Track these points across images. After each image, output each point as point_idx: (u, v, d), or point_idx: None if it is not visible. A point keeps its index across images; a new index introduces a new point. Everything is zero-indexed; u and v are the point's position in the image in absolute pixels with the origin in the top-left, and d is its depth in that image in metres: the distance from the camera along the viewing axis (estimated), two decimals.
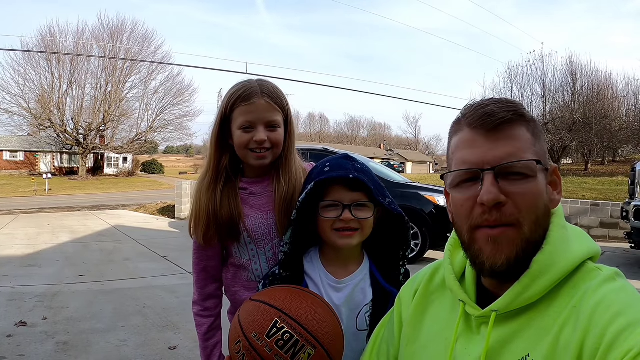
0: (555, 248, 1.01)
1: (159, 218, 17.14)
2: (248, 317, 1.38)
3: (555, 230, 1.04)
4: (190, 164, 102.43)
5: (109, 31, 50.61)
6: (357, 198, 1.57)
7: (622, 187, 19.71)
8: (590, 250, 1.05)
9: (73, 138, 49.59)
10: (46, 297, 6.29)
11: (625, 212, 8.87)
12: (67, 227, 13.82)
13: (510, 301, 1.00)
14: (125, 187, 42.34)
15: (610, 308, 0.89)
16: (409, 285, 1.37)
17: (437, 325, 1.21)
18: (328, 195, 1.58)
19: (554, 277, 0.98)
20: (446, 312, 1.20)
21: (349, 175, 1.55)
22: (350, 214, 1.56)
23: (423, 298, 1.27)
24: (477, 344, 1.06)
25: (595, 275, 0.98)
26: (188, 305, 5.97)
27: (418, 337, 1.24)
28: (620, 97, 37.99)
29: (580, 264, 1.01)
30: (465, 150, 1.06)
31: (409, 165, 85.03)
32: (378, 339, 1.39)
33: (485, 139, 1.03)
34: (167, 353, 4.55)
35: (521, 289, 0.99)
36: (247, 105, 1.77)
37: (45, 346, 4.58)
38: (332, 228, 1.58)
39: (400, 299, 1.36)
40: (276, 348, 1.28)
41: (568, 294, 0.98)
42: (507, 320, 1.02)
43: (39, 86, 47.13)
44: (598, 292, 0.93)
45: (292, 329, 1.31)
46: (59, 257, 9.09)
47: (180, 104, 54.23)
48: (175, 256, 9.48)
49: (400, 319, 1.33)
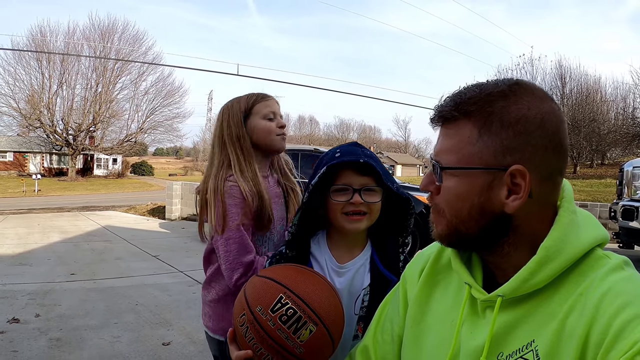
0: (564, 233, 0.98)
1: (149, 219, 17.08)
2: (254, 291, 1.41)
3: (564, 215, 1.01)
4: (180, 166, 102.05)
5: (100, 31, 50.21)
6: (367, 182, 1.62)
7: (610, 189, 19.86)
8: (599, 237, 1.01)
9: (63, 139, 49.16)
10: (38, 295, 6.29)
11: (614, 212, 8.94)
12: (58, 227, 13.77)
13: (516, 287, 0.99)
14: (115, 188, 42.12)
15: (617, 298, 0.87)
16: (414, 263, 1.35)
17: (443, 307, 1.19)
18: (338, 180, 1.62)
19: (561, 263, 0.96)
20: (452, 294, 1.19)
21: (359, 159, 1.59)
22: (360, 197, 1.60)
23: (429, 278, 1.25)
24: (483, 328, 1.06)
25: (603, 263, 0.97)
26: (180, 303, 6.08)
27: (424, 318, 1.22)
28: (609, 100, 38.34)
29: (588, 251, 0.99)
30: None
31: (399, 167, 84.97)
32: (382, 317, 1.38)
33: (439, 134, 1.08)
34: (160, 349, 4.57)
35: (528, 275, 0.97)
36: (267, 101, 2.16)
37: (39, 342, 4.60)
38: (342, 212, 1.62)
39: (406, 278, 1.34)
40: (279, 322, 1.31)
41: (575, 281, 0.96)
42: (513, 305, 1.01)
43: (29, 86, 46.68)
44: (605, 280, 0.92)
45: (296, 305, 1.34)
46: (50, 256, 9.07)
47: (171, 106, 53.92)
48: (166, 256, 9.48)
49: (405, 298, 1.32)
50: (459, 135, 1.01)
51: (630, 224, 8.15)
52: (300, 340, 1.32)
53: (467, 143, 1.00)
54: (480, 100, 0.99)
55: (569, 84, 37.02)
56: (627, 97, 37.77)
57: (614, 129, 35.87)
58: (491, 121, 0.98)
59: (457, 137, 1.01)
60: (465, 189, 1.01)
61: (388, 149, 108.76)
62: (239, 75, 28.44)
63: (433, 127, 1.07)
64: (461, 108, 1.01)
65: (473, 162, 0.99)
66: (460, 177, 1.01)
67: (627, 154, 37.59)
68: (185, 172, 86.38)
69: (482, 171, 0.99)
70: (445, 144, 1.03)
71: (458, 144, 1.01)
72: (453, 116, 1.01)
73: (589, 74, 38.17)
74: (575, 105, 35.26)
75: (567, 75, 37.19)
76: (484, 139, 0.98)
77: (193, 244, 11.17)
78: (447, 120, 1.03)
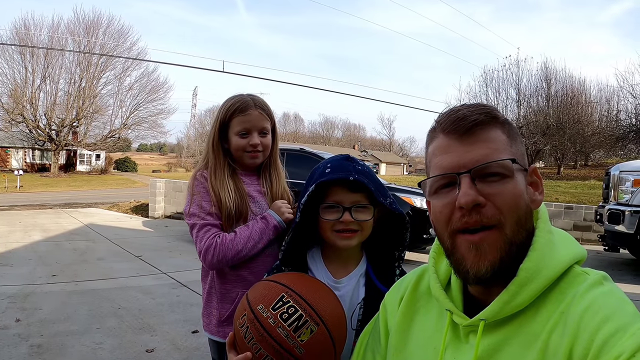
0: (542, 254, 1.00)
1: (132, 217, 16.97)
2: (256, 292, 1.41)
3: (541, 235, 1.03)
4: (163, 162, 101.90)
5: (85, 26, 49.75)
6: (358, 199, 1.60)
7: (594, 191, 20.03)
8: (577, 255, 1.04)
9: (45, 134, 48.66)
10: (19, 298, 6.16)
11: (600, 216, 9.01)
12: (39, 225, 13.60)
13: (498, 309, 0.99)
14: (98, 184, 41.84)
15: (598, 313, 0.88)
16: (393, 291, 1.36)
17: (424, 334, 1.19)
18: (329, 197, 1.60)
19: (541, 283, 0.98)
20: (433, 321, 1.19)
21: (349, 177, 1.57)
22: (350, 216, 1.58)
23: (409, 306, 1.26)
24: (466, 353, 1.05)
25: (582, 280, 0.98)
26: (164, 307, 6.00)
27: (405, 346, 1.22)
28: (594, 102, 38.74)
29: (567, 269, 1.01)
30: (441, 156, 1.06)
31: (383, 166, 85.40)
32: (362, 346, 1.38)
33: (460, 143, 1.03)
34: (144, 356, 4.48)
35: (509, 297, 0.98)
36: (244, 116, 2.17)
37: (19, 349, 4.48)
38: (333, 229, 1.61)
39: (386, 306, 1.35)
40: (280, 320, 1.31)
41: (556, 300, 0.97)
42: (496, 328, 1.01)
43: (11, 80, 46.15)
44: (586, 297, 0.93)
45: (298, 304, 1.34)
46: (31, 257, 8.93)
47: (155, 101, 53.67)
48: (149, 256, 9.38)
49: (386, 326, 1.32)
50: (499, 140, 1.04)
51: (616, 227, 8.18)
52: (300, 339, 1.31)
53: (507, 145, 1.04)
54: (496, 110, 1.07)
55: (554, 85, 37.26)
56: (611, 99, 38.34)
57: (598, 130, 36.27)
58: (510, 128, 1.07)
59: (497, 141, 1.04)
60: (520, 187, 1.03)
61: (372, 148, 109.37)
62: (224, 72, 28.36)
63: (455, 135, 1.05)
64: (490, 114, 1.05)
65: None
66: (514, 177, 1.02)
67: (610, 156, 38.18)
68: (169, 169, 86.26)
69: (522, 171, 1.05)
70: (492, 147, 1.03)
71: (502, 146, 1.04)
72: (483, 121, 1.03)
73: (574, 76, 38.54)
74: (561, 107, 35.48)
75: (552, 77, 37.44)
76: (512, 143, 1.05)
77: (176, 243, 11.12)
78: (482, 124, 1.03)
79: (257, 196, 2.23)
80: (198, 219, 2.10)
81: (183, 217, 15.25)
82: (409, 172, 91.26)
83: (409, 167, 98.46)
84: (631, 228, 7.94)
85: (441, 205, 1.05)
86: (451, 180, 1.03)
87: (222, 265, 2.07)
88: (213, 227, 2.09)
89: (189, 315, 5.79)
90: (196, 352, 4.59)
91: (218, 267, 2.10)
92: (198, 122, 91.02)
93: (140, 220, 15.99)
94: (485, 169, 1.00)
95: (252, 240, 2.06)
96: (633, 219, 7.92)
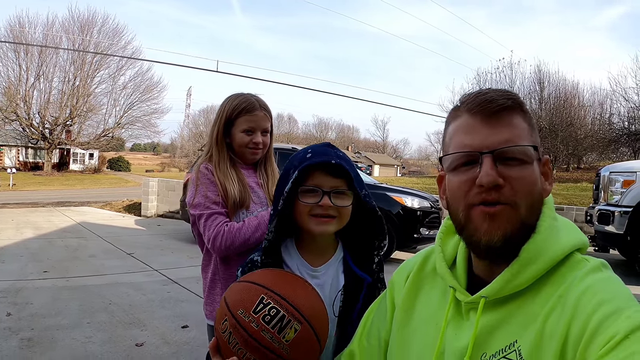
0: (545, 237, 1.03)
1: (125, 215, 16.91)
2: (234, 295, 1.38)
3: (545, 220, 1.06)
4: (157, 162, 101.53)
5: (79, 24, 49.55)
6: (337, 184, 1.57)
7: (586, 193, 20.09)
8: (579, 242, 1.07)
9: (39, 132, 48.48)
10: (10, 293, 6.17)
11: (590, 216, 9.04)
12: (32, 223, 13.55)
13: (499, 288, 1.02)
14: (91, 183, 41.65)
15: (594, 296, 0.91)
16: (401, 270, 1.39)
17: (428, 310, 1.22)
18: (308, 181, 1.57)
19: (542, 265, 1.01)
20: (437, 298, 1.23)
21: (331, 160, 1.55)
22: (329, 200, 1.56)
23: (415, 283, 1.29)
24: (466, 329, 1.09)
25: (582, 266, 1.01)
26: (154, 303, 6.00)
27: (409, 322, 1.25)
28: (586, 106, 38.83)
29: (568, 255, 1.04)
30: (464, 135, 1.08)
31: (377, 167, 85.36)
32: (368, 322, 1.40)
33: (485, 125, 1.05)
34: (134, 350, 4.50)
35: (510, 276, 1.01)
36: (251, 115, 2.33)
37: (10, 342, 4.50)
38: (310, 214, 1.58)
39: (393, 283, 1.38)
40: (263, 323, 1.29)
41: (555, 283, 1.00)
42: (496, 306, 1.05)
43: (5, 78, 45.93)
44: (583, 281, 0.96)
45: (279, 304, 1.32)
46: (23, 253, 8.92)
47: (149, 101, 53.50)
48: (141, 253, 9.37)
49: (392, 302, 1.35)
50: (521, 126, 1.06)
51: (606, 228, 8.22)
52: (285, 340, 1.29)
53: (528, 133, 1.06)
54: (520, 99, 1.09)
55: (548, 88, 37.39)
56: (604, 103, 38.44)
57: (591, 133, 36.40)
58: (531, 118, 1.10)
59: (520, 128, 1.06)
60: (536, 175, 1.06)
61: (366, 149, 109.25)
62: (218, 72, 28.33)
63: (481, 116, 1.07)
64: (516, 100, 1.07)
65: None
66: (532, 164, 1.05)
67: (602, 159, 38.21)
68: (162, 169, 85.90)
69: (538, 160, 1.07)
70: (515, 132, 1.05)
71: (524, 133, 1.06)
72: (511, 106, 1.06)
73: (567, 80, 38.69)
74: (553, 110, 35.63)
75: (545, 80, 37.56)
76: (532, 132, 1.08)
77: (168, 241, 11.11)
78: (508, 109, 1.06)
79: (256, 187, 2.39)
80: (204, 208, 2.23)
81: (175, 216, 15.45)
82: (403, 173, 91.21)
83: (402, 169, 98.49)
84: (621, 228, 7.98)
85: (460, 181, 1.07)
86: (472, 159, 1.05)
87: (230, 252, 2.18)
88: (220, 215, 2.23)
89: (179, 311, 5.81)
90: (185, 346, 4.61)
91: (226, 254, 2.21)
92: (192, 122, 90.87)
93: (132, 218, 15.96)
94: (508, 153, 1.02)
95: (260, 230, 2.18)
96: (622, 219, 7.96)
